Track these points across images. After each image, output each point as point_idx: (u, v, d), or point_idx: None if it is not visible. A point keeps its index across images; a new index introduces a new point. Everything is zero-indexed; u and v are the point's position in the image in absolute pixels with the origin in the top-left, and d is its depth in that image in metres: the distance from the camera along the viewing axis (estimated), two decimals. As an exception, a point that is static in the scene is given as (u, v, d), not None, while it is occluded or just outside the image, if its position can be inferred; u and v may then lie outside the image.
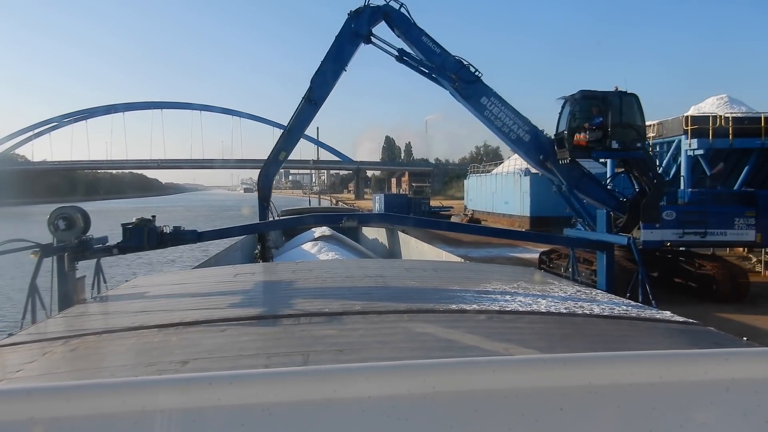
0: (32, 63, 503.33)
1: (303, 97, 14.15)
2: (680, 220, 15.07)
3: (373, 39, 14.25)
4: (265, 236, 12.21)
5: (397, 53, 14.36)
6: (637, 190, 15.47)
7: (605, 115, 14.92)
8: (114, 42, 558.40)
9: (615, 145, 14.90)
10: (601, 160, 19.51)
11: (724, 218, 15.28)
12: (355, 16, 14.21)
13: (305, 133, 15.57)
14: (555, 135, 15.72)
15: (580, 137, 14.85)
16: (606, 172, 20.78)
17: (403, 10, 14.29)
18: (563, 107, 15.66)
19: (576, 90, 15.55)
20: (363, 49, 14.58)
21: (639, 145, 15.03)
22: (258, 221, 12.92)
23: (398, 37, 14.64)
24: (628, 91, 15.28)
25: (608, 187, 16.21)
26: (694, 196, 16.11)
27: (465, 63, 14.60)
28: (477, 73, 14.68)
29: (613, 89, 15.39)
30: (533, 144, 15.11)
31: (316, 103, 14.23)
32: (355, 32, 14.10)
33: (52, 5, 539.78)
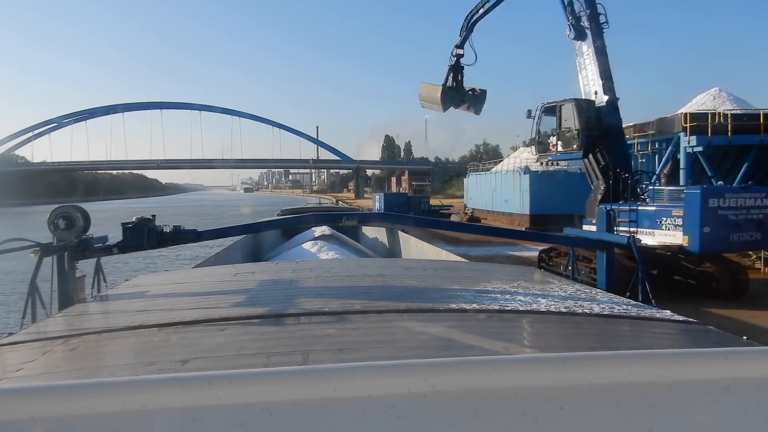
0: (28, 70, 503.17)
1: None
2: (606, 219, 15.17)
3: None
4: None
5: None
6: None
7: (557, 123, 17.14)
8: (112, 49, 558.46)
9: (560, 147, 17.16)
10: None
11: (652, 217, 14.80)
12: None
13: (304, 132, 16.15)
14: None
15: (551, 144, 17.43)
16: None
17: None
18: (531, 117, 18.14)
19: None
20: (365, 48, 15.06)
21: (575, 146, 16.66)
22: (257, 221, 12.91)
23: None
24: (568, 99, 17.00)
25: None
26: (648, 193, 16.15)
27: (600, 10, 16.13)
28: (603, 26, 16.17)
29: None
30: (598, 103, 16.36)
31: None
32: None
33: (47, 14, 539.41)
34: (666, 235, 14.37)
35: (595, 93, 16.43)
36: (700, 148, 20.08)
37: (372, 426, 1.28)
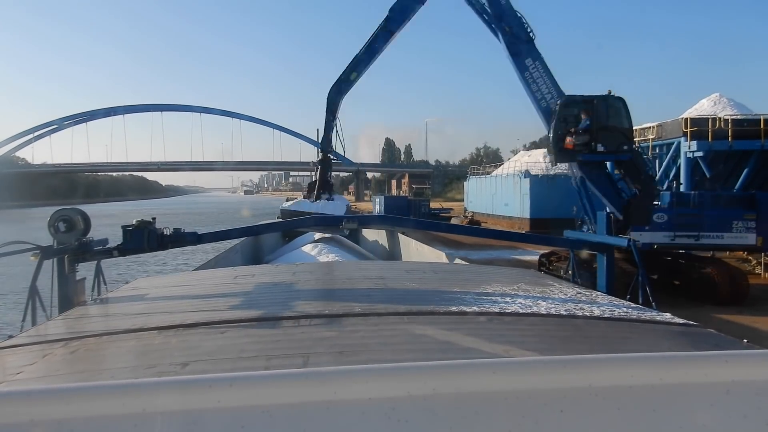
0: (27, 72, 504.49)
1: (379, 26, 15.80)
2: (672, 223, 14.99)
3: None
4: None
5: None
6: (634, 192, 15.53)
7: (591, 119, 14.98)
8: (113, 52, 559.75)
9: (600, 148, 14.98)
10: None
11: (721, 221, 14.98)
12: None
13: (305, 134, 16.32)
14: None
15: (568, 141, 14.96)
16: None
17: None
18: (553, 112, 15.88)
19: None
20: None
21: (626, 147, 15.06)
22: (257, 224, 12.95)
23: None
24: (615, 95, 15.48)
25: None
26: (691, 198, 15.91)
27: (523, 22, 15.47)
28: (531, 35, 15.49)
29: (607, 93, 15.65)
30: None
31: (391, 32, 15.81)
32: None
33: (48, 16, 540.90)
34: (737, 237, 14.86)
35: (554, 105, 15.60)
36: (700, 153, 20.07)
37: (372, 428, 1.28)
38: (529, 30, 15.41)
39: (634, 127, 20.39)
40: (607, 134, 15.01)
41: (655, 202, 15.74)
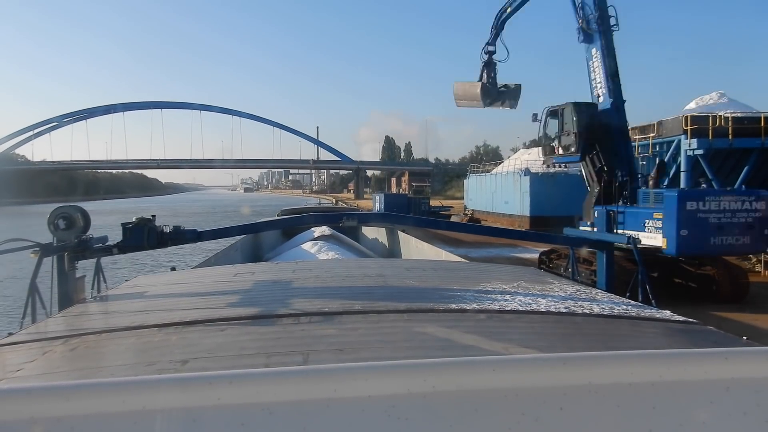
0: (27, 68, 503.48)
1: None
2: (606, 220, 15.47)
3: None
4: None
5: None
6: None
7: (559, 126, 17.36)
8: (112, 49, 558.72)
9: (560, 150, 17.39)
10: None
11: (637, 219, 14.89)
12: None
13: (304, 132, 16.37)
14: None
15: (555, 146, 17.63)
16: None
17: None
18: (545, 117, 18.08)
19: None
20: (365, 48, 15.11)
21: (572, 149, 16.79)
22: (257, 221, 12.93)
23: None
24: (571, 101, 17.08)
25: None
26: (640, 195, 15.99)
27: (611, 12, 16.05)
28: (613, 28, 16.07)
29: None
30: (604, 107, 16.42)
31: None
32: None
33: (48, 12, 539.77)
34: (648, 237, 14.31)
35: (599, 96, 16.49)
36: (700, 151, 20.07)
37: (372, 426, 1.28)
38: (613, 22, 16.07)
39: (634, 126, 20.83)
40: (564, 138, 17.16)
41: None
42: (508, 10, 18.60)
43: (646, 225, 14.54)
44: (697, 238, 13.84)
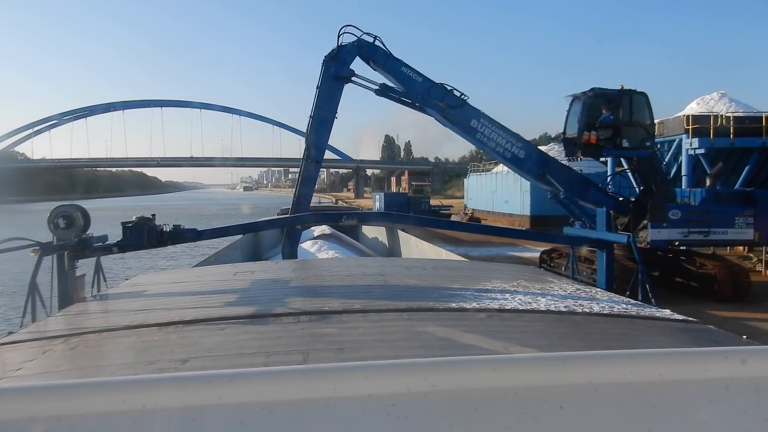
0: (26, 73, 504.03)
1: (302, 159, 13.88)
2: (686, 220, 15.19)
3: (354, 78, 13.70)
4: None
5: (378, 88, 13.87)
6: (640, 188, 15.60)
7: (616, 114, 14.81)
8: (108, 52, 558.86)
9: (626, 143, 14.86)
10: (602, 159, 19.72)
11: (725, 217, 15.39)
12: (330, 59, 13.61)
13: (304, 131, 15.55)
14: (563, 134, 15.93)
15: (590, 136, 14.76)
16: (606, 171, 20.85)
17: (377, 42, 13.87)
18: (571, 106, 15.55)
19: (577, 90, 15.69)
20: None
21: (648, 143, 15.10)
22: (257, 220, 12.95)
23: (375, 70, 14.17)
24: (638, 90, 15.28)
25: (608, 187, 16.24)
26: (703, 196, 16.29)
27: (449, 88, 14.14)
28: (463, 97, 14.17)
29: (618, 88, 15.48)
30: (529, 160, 14.87)
31: (318, 161, 13.88)
32: (335, 76, 13.57)
33: (46, 17, 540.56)
34: (738, 232, 15.36)
35: (519, 152, 14.64)
36: (702, 151, 20.07)
37: (372, 425, 1.28)
38: (458, 94, 14.14)
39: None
40: (630, 129, 14.89)
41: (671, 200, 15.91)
42: None
43: (735, 222, 15.43)
44: None
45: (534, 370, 1.39)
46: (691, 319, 3.92)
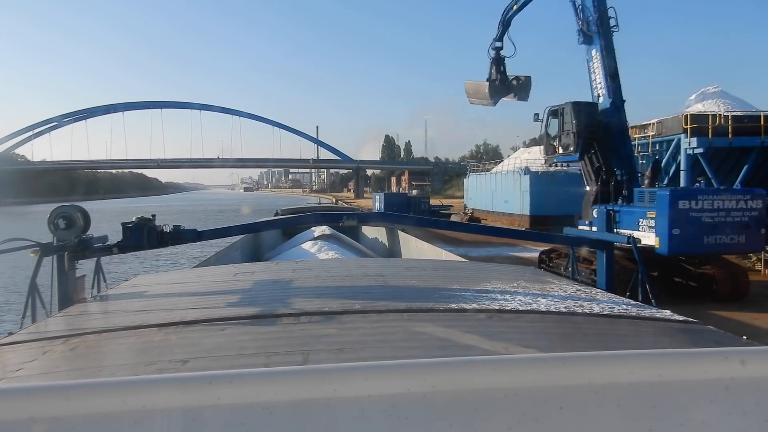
0: (35, 58, 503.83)
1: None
2: (605, 219, 15.43)
3: None
4: None
5: None
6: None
7: (560, 125, 17.34)
8: (115, 39, 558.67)
9: (560, 150, 17.45)
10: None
11: (632, 219, 14.93)
12: None
13: (304, 131, 16.56)
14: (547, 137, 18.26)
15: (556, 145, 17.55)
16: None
17: None
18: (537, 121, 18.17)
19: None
20: (365, 46, 15.21)
21: (572, 149, 16.83)
22: (257, 221, 12.94)
23: None
24: (571, 101, 17.04)
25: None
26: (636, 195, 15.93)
27: (611, 14, 16.17)
28: (613, 29, 16.19)
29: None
30: (604, 107, 16.56)
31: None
32: None
33: (44, 23, 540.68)
34: (643, 236, 14.16)
35: (599, 96, 16.58)
36: (700, 150, 20.05)
37: (372, 426, 1.28)
38: (613, 23, 16.16)
39: (634, 125, 20.69)
40: (564, 137, 17.19)
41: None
42: (514, 7, 18.73)
43: (640, 224, 14.58)
44: (690, 237, 13.83)
45: (534, 370, 1.39)
46: (691, 319, 3.92)
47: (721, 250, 14.47)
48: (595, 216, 15.82)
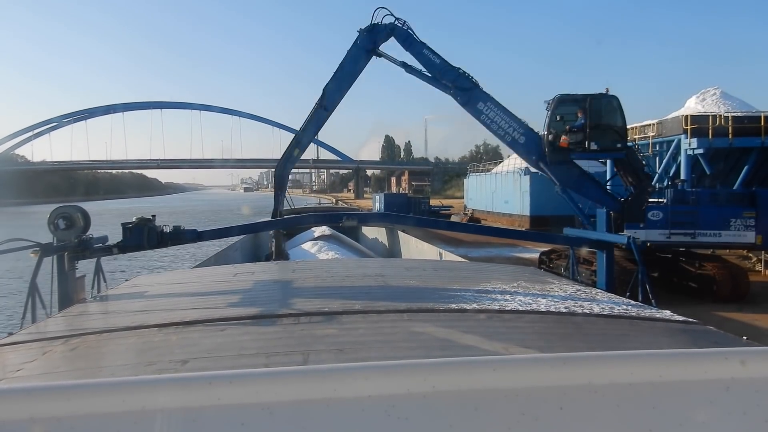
0: (27, 71, 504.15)
1: (315, 104, 16.01)
2: (668, 220, 14.90)
3: (381, 52, 16.04)
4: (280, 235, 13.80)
5: (401, 64, 16.00)
6: (631, 190, 15.64)
7: (585, 118, 15.34)
8: (109, 51, 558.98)
9: (594, 146, 15.29)
10: (601, 160, 19.85)
11: (719, 218, 14.79)
12: (365, 33, 15.86)
13: None
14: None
15: (564, 140, 15.41)
16: (606, 172, 20.83)
17: (406, 26, 15.91)
18: (548, 110, 16.18)
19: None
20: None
21: (619, 145, 15.29)
22: (257, 221, 12.98)
23: (405, 49, 16.12)
24: (609, 93, 15.67)
25: (607, 187, 16.27)
26: (688, 195, 15.67)
27: (461, 72, 15.71)
28: (473, 81, 15.72)
29: (604, 91, 15.79)
30: (527, 146, 15.83)
31: (326, 109, 16.06)
32: (365, 48, 15.89)
33: (47, 15, 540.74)
34: (735, 235, 14.56)
35: (518, 138, 15.61)
36: (700, 151, 20.07)
37: (372, 426, 1.28)
38: (470, 77, 15.72)
39: (634, 125, 20.38)
40: (600, 132, 15.34)
41: (651, 200, 15.77)
42: None
43: (731, 224, 14.65)
44: None
45: (534, 370, 1.39)
46: (691, 320, 3.92)
47: None
48: (655, 218, 15.17)
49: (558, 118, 15.76)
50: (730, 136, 19.70)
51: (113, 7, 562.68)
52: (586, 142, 15.24)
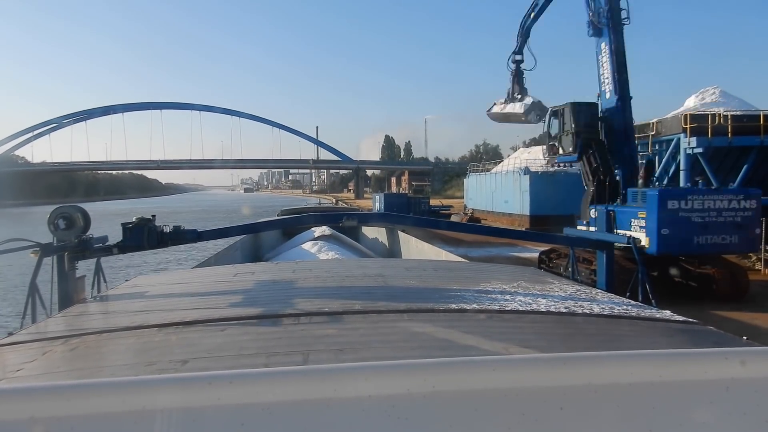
0: (30, 66, 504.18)
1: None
2: (606, 219, 15.39)
3: None
4: None
5: None
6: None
7: (559, 126, 17.69)
8: (112, 46, 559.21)
9: (561, 151, 17.81)
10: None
11: (626, 218, 14.96)
12: None
13: (304, 132, 16.77)
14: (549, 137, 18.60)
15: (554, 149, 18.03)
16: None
17: None
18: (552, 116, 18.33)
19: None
20: (365, 46, 15.59)
21: (570, 149, 17.15)
22: (257, 221, 12.95)
23: None
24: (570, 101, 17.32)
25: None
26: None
27: (623, 5, 16.15)
28: (624, 21, 16.18)
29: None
30: (609, 103, 16.66)
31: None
32: None
33: (50, 10, 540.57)
34: (635, 236, 14.31)
35: (606, 91, 16.51)
36: (700, 150, 20.07)
37: (372, 426, 1.28)
38: (624, 16, 16.14)
39: (634, 125, 20.61)
40: (564, 138, 17.46)
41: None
42: (532, 15, 18.67)
43: (632, 224, 14.59)
44: (680, 237, 13.84)
45: (534, 371, 1.39)
46: (691, 320, 3.92)
47: (713, 251, 14.46)
48: (594, 216, 15.86)
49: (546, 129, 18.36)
50: (729, 135, 19.70)
51: (119, 3, 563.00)
52: (560, 148, 17.72)
